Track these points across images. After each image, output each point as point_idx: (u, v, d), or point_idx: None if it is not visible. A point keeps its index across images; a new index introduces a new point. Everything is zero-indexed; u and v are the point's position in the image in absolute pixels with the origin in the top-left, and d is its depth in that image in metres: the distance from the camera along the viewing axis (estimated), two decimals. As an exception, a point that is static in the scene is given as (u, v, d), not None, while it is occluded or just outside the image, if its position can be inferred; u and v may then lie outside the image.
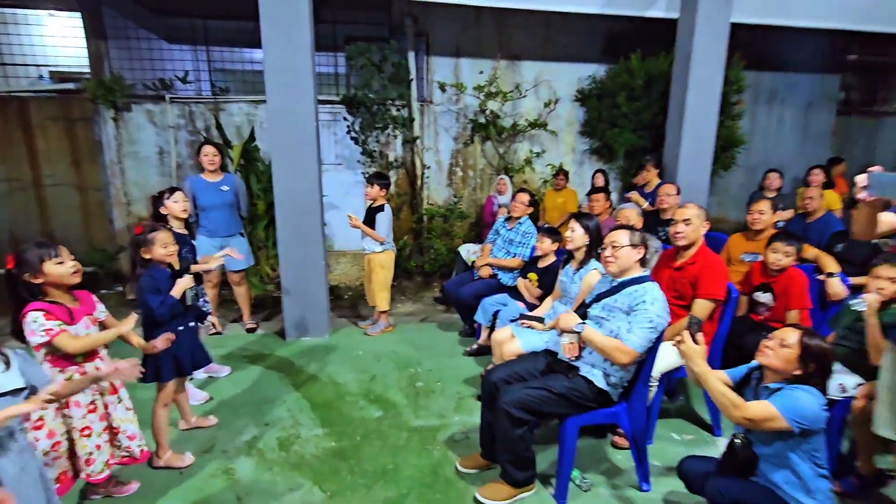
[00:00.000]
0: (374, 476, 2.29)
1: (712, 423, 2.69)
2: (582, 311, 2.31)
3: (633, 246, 2.14)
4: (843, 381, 2.18)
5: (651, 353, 2.11)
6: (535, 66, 6.03)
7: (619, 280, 2.17)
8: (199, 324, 2.49)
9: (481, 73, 5.85)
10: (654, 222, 3.81)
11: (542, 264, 3.33)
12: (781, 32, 4.96)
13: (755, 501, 1.73)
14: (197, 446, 2.47)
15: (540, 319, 2.78)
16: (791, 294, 2.64)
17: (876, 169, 1.43)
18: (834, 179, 5.73)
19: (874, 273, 2.20)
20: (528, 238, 3.79)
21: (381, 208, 3.85)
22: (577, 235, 2.78)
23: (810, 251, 2.98)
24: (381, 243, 3.89)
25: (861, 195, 1.48)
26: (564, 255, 2.99)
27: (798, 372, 1.72)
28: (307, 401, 2.96)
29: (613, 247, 2.16)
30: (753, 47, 5.75)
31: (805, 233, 3.78)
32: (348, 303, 5.04)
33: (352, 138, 5.53)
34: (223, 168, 3.80)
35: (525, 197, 3.89)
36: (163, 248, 2.20)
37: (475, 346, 3.64)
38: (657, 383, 2.44)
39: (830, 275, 2.77)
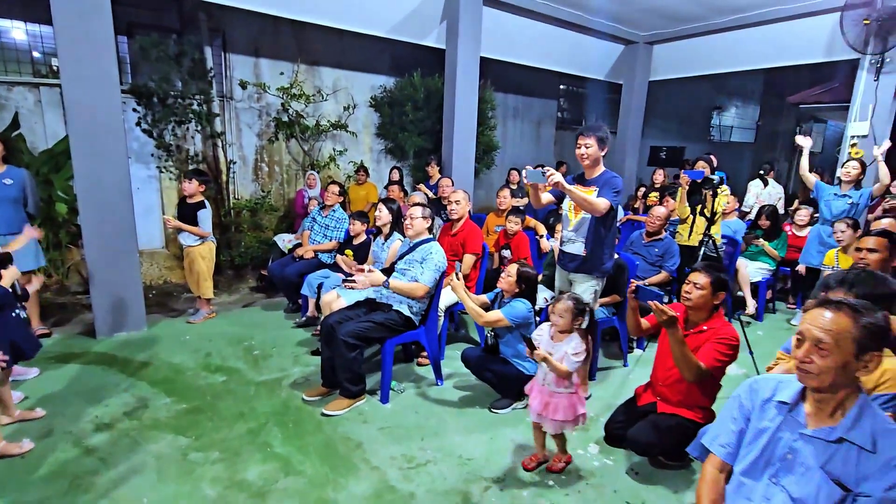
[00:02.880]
0: (232, 419, 2.72)
1: (479, 339, 3.90)
2: (391, 268, 3.19)
3: (424, 217, 3.10)
4: (545, 295, 3.58)
5: (437, 291, 3.11)
6: (333, 72, 6.70)
7: (415, 241, 3.12)
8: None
9: (282, 74, 6.22)
10: (437, 207, 4.97)
11: (356, 242, 4.09)
12: (520, 66, 6.76)
13: (497, 368, 2.87)
14: (33, 435, 2.45)
15: (359, 282, 3.57)
16: (520, 249, 4.04)
17: (529, 167, 2.65)
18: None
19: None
20: (342, 223, 4.52)
21: (201, 205, 4.02)
22: (384, 215, 3.64)
23: (531, 221, 4.51)
24: (205, 238, 4.07)
25: (524, 182, 2.70)
26: (374, 232, 3.83)
27: (517, 290, 2.90)
28: (144, 381, 3.09)
29: (412, 218, 3.09)
30: (501, 76, 7.57)
31: (536, 212, 5.50)
32: (155, 300, 4.90)
33: (144, 130, 5.28)
34: (6, 160, 3.43)
35: (336, 188, 4.59)
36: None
37: (304, 318, 4.18)
38: (444, 315, 3.49)
39: (541, 236, 4.31)
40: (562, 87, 10.76)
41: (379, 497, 2.16)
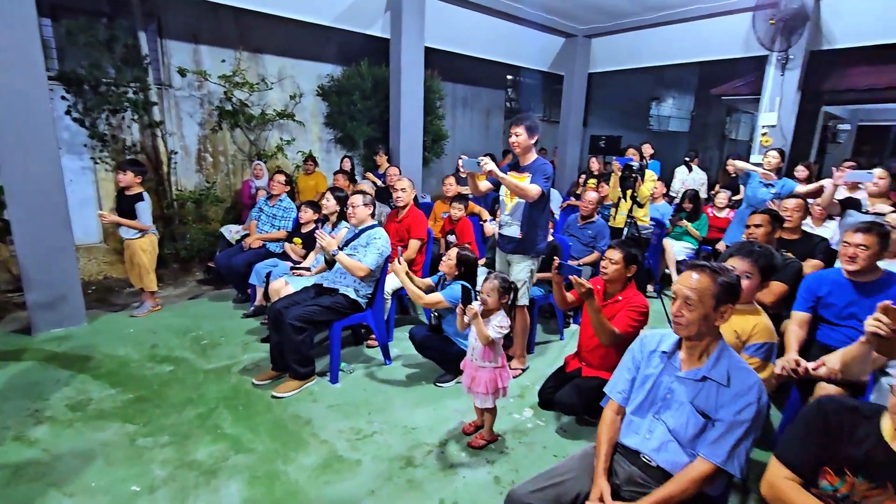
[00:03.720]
0: (181, 405, 2.76)
1: (426, 320, 4.08)
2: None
3: (365, 205, 3.22)
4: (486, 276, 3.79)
5: (382, 275, 3.25)
6: (277, 60, 6.60)
7: (360, 228, 3.23)
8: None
9: (223, 61, 6.08)
10: (386, 195, 5.09)
11: (304, 230, 4.15)
12: (467, 57, 6.91)
13: (440, 345, 3.06)
14: (-33, 431, 2.41)
15: (307, 269, 3.65)
16: (464, 233, 4.24)
17: (465, 156, 2.84)
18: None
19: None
20: (289, 212, 4.54)
21: (139, 196, 3.94)
22: (330, 204, 3.72)
23: (475, 207, 4.72)
24: (145, 230, 4.00)
25: (461, 170, 2.89)
26: (321, 221, 3.90)
27: (457, 273, 3.08)
28: (87, 374, 3.06)
29: (353, 206, 3.19)
30: (449, 66, 7.70)
31: (486, 198, 5.70)
32: (95, 296, 4.75)
33: (74, 119, 5.05)
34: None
35: (282, 177, 4.60)
36: None
37: (252, 308, 4.20)
38: (391, 298, 3.63)
39: (485, 221, 4.53)
40: (509, 77, 11.04)
41: (327, 466, 2.30)
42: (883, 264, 2.42)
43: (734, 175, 5.17)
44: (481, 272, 3.82)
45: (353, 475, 2.26)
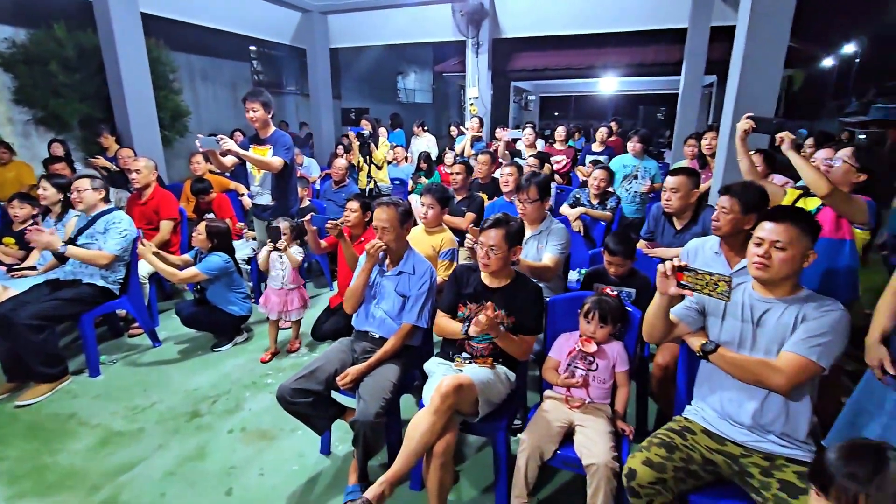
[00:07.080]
0: None
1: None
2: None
3: (94, 189, 3.04)
4: (253, 245, 4.03)
5: (133, 258, 3.17)
6: (-86, 17, 5.02)
7: (94, 214, 3.05)
8: None
9: None
10: (123, 180, 4.64)
11: (18, 228, 3.56)
12: (200, 27, 6.47)
13: (210, 315, 3.23)
14: None
15: (32, 268, 3.25)
16: (222, 209, 4.31)
17: (201, 135, 3.04)
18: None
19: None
20: (-14, 210, 3.78)
21: None
22: (50, 193, 3.33)
23: (230, 183, 4.78)
24: None
25: (199, 149, 3.08)
26: (41, 213, 3.44)
27: (210, 245, 3.23)
28: None
29: (79, 191, 2.99)
30: (177, 35, 7.06)
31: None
32: None
33: None
34: None
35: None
36: None
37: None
38: (149, 282, 3.55)
39: (242, 195, 4.66)
40: (253, 49, 10.63)
41: (106, 443, 2.35)
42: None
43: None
44: (244, 244, 4.07)
45: (136, 441, 2.37)
